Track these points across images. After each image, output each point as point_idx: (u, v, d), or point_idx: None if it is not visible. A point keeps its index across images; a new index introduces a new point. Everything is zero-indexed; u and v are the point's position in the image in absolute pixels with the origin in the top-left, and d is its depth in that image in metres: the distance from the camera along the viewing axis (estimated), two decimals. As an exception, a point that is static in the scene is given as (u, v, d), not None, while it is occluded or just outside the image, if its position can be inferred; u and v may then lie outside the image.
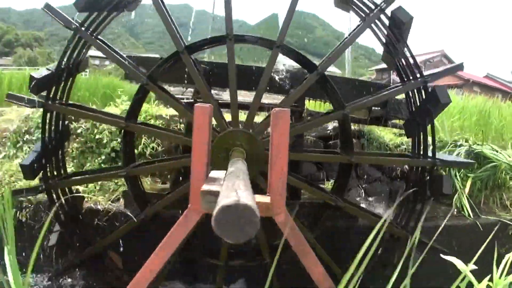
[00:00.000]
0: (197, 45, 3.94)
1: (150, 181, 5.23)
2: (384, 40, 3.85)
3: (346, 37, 4.01)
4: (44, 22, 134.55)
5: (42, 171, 3.75)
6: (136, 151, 4.96)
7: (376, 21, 3.73)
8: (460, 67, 4.07)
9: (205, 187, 1.92)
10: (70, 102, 4.01)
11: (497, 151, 6.29)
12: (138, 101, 3.97)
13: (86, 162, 5.31)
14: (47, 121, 3.73)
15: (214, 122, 5.48)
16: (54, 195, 3.87)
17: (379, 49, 4.32)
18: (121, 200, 4.67)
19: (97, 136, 5.41)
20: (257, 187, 3.86)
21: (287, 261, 4.69)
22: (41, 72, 3.60)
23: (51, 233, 4.08)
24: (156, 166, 4.35)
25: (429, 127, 3.90)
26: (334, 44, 4.49)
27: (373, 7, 3.72)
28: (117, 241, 4.18)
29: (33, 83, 3.42)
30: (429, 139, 4.04)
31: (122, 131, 3.98)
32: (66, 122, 4.22)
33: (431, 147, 4.03)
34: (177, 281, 4.79)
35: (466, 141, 6.29)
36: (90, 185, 4.83)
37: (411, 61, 3.77)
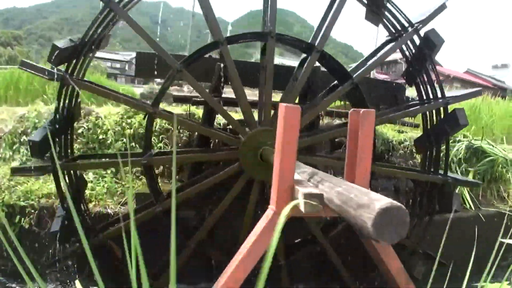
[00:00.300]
0: (236, 38, 3.71)
1: (160, 182, 4.89)
2: (409, 57, 3.92)
3: (377, 52, 4.11)
4: (22, 20, 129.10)
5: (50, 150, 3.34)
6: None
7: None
8: (478, 92, 4.23)
9: (305, 190, 1.77)
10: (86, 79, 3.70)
11: (492, 146, 6.32)
12: (165, 89, 3.69)
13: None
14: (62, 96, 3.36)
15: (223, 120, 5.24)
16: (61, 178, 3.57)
17: (356, 46, 4.42)
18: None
19: (100, 137, 5.02)
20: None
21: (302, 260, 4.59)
22: (63, 42, 3.21)
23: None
24: (180, 157, 3.99)
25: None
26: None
27: (406, 24, 3.76)
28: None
29: (56, 53, 3.04)
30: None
31: (146, 117, 3.67)
32: (79, 100, 3.84)
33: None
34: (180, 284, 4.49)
35: (465, 136, 6.28)
36: (98, 188, 4.46)
37: (435, 82, 3.93)
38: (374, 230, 1.24)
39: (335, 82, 4.04)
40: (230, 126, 5.09)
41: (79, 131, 5.10)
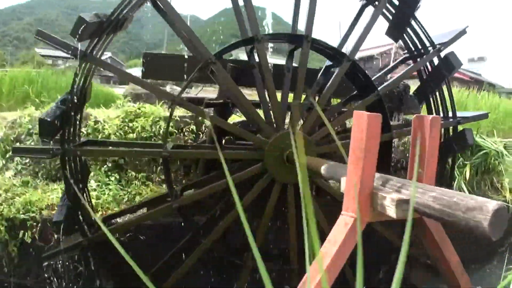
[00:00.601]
0: (270, 37, 3.55)
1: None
2: (423, 75, 4.01)
3: (395, 67, 4.30)
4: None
5: (60, 132, 3.04)
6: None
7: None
8: (485, 115, 4.35)
9: (393, 195, 1.81)
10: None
11: (484, 139, 6.36)
12: (192, 79, 3.45)
13: (89, 171, 4.50)
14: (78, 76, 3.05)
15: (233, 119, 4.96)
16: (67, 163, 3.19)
17: (333, 43, 4.22)
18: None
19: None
20: (299, 194, 3.46)
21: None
22: (90, 17, 2.86)
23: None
24: (201, 152, 3.77)
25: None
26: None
27: (428, 44, 3.82)
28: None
29: (82, 27, 2.71)
30: None
31: (170, 108, 3.42)
32: (92, 81, 3.52)
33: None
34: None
35: (459, 131, 6.27)
36: (103, 197, 4.09)
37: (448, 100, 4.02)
38: (490, 229, 1.39)
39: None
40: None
41: (78, 136, 4.69)
